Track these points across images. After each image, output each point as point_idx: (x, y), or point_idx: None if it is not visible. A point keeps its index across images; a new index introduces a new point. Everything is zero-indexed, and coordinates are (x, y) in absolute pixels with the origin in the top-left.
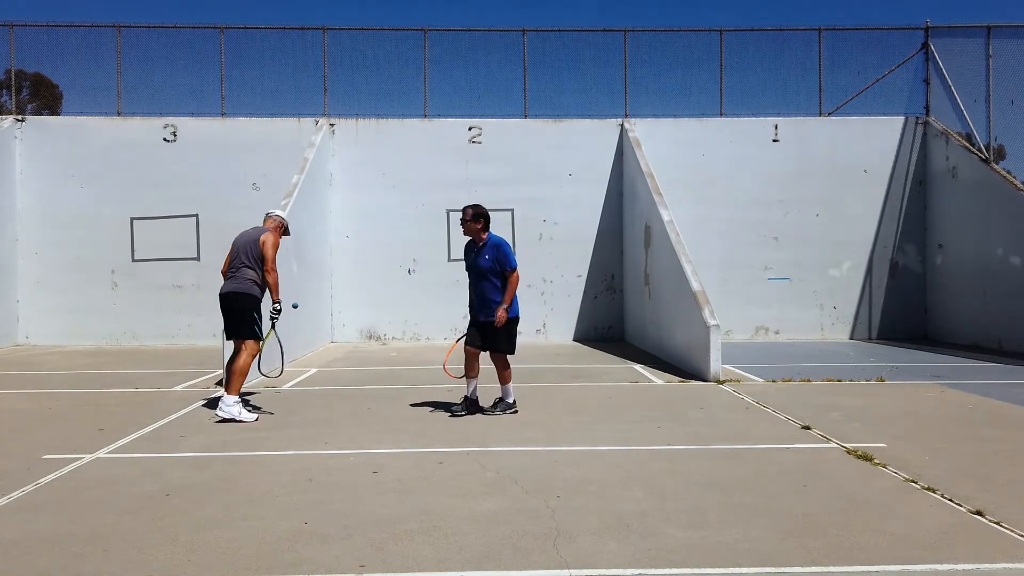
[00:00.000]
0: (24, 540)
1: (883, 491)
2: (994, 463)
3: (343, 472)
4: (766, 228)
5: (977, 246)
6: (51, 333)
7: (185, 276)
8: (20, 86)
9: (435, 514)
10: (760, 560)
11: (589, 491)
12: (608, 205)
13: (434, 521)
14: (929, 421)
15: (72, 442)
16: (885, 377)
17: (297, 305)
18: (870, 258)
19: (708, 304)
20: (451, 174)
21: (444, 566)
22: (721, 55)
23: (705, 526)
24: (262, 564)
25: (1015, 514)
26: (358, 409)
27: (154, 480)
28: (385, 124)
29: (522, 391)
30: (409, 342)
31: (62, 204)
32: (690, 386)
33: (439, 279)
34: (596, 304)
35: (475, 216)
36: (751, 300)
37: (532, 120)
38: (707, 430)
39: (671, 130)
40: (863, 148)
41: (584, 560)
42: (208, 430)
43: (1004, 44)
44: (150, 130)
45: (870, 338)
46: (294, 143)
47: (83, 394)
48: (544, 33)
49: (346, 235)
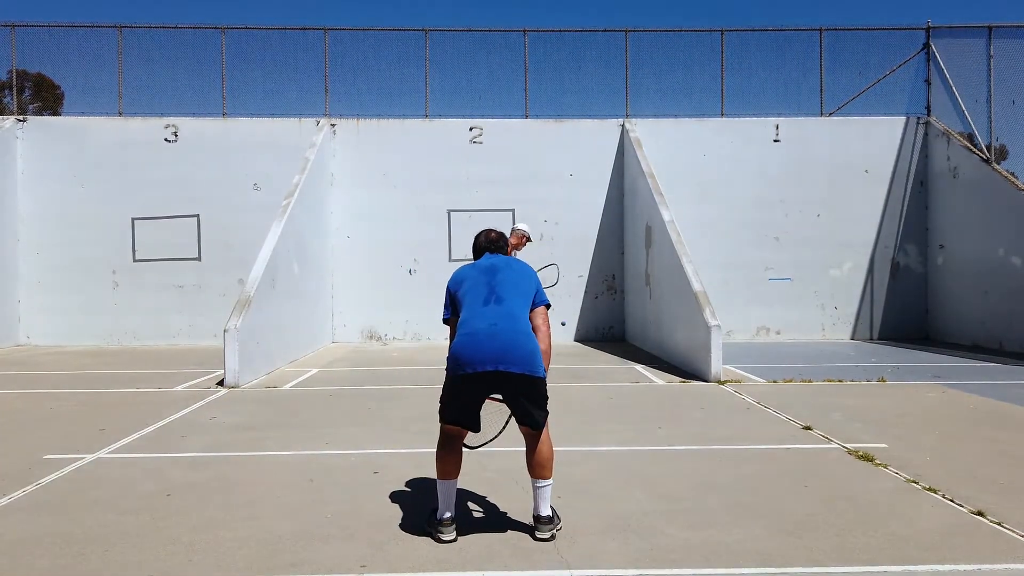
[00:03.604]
0: (24, 540)
1: (884, 491)
2: (995, 463)
3: (343, 472)
4: (767, 228)
5: (978, 246)
6: (52, 333)
7: (186, 276)
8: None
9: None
10: (761, 560)
11: (590, 491)
12: (609, 205)
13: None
14: (930, 421)
15: (73, 442)
16: (886, 377)
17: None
18: (871, 258)
19: (709, 304)
20: (452, 174)
21: (444, 566)
22: (722, 55)
23: (706, 526)
24: (262, 564)
25: (1016, 514)
26: (359, 409)
27: (154, 480)
28: (386, 124)
29: None
30: (410, 342)
31: (63, 204)
32: (691, 386)
33: (440, 279)
34: (597, 304)
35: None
36: (752, 300)
37: (533, 120)
38: (708, 430)
39: (672, 130)
40: (864, 148)
41: (585, 560)
42: (208, 430)
43: (1005, 44)
44: (151, 130)
45: (871, 338)
46: (295, 143)
47: (84, 394)
48: (545, 33)
49: (347, 235)
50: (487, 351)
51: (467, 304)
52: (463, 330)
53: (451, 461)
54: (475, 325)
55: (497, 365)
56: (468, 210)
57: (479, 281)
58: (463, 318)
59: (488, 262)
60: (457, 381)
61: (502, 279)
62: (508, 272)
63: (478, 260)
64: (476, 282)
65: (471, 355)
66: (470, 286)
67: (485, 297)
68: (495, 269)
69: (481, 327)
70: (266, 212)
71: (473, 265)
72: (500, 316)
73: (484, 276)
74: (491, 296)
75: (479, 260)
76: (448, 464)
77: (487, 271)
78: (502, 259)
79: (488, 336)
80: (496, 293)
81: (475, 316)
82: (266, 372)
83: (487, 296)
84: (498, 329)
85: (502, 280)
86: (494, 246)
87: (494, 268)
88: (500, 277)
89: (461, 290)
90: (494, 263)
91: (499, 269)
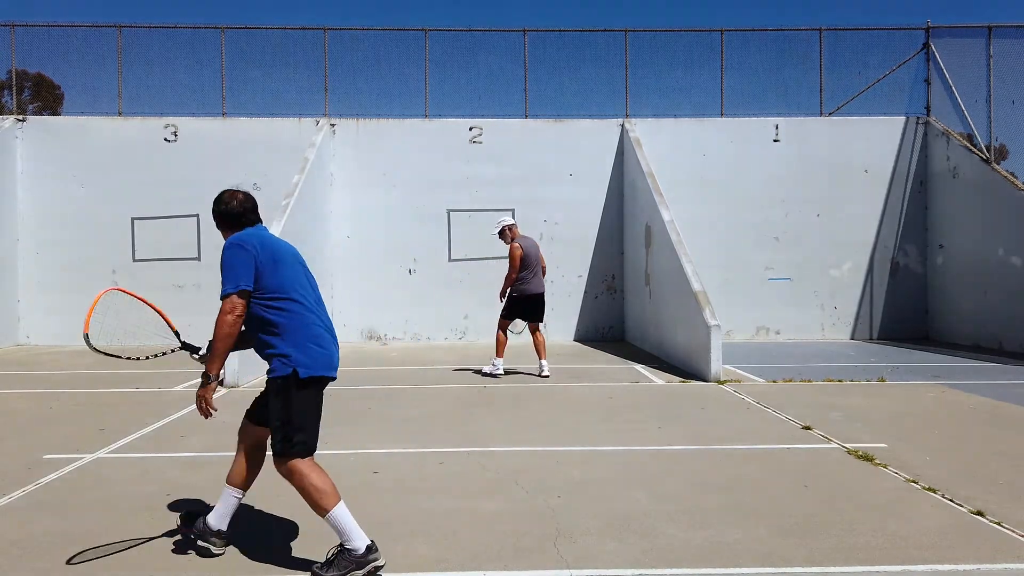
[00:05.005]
0: (24, 540)
1: (884, 491)
2: (995, 463)
3: (343, 472)
4: (767, 228)
5: (978, 246)
6: (52, 333)
7: (186, 276)
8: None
9: (435, 514)
10: (761, 560)
11: (590, 491)
12: (609, 205)
13: (434, 521)
14: (930, 421)
15: (73, 442)
16: (886, 377)
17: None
18: (871, 258)
19: (709, 304)
20: (452, 174)
21: (444, 566)
22: (722, 55)
23: (706, 526)
24: (262, 564)
25: (1016, 514)
26: (358, 409)
27: (154, 480)
28: (386, 124)
29: (523, 391)
30: (410, 342)
31: (63, 204)
32: (691, 386)
33: (440, 279)
34: (597, 304)
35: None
36: (752, 300)
37: (533, 120)
38: (708, 430)
39: (672, 130)
40: (864, 148)
41: (585, 560)
42: (208, 430)
43: (1005, 44)
44: (151, 130)
45: (871, 338)
46: (295, 143)
47: (84, 394)
48: (545, 33)
49: (346, 235)
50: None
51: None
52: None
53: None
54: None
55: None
56: (468, 210)
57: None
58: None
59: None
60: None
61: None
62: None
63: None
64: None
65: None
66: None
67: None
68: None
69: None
70: (266, 212)
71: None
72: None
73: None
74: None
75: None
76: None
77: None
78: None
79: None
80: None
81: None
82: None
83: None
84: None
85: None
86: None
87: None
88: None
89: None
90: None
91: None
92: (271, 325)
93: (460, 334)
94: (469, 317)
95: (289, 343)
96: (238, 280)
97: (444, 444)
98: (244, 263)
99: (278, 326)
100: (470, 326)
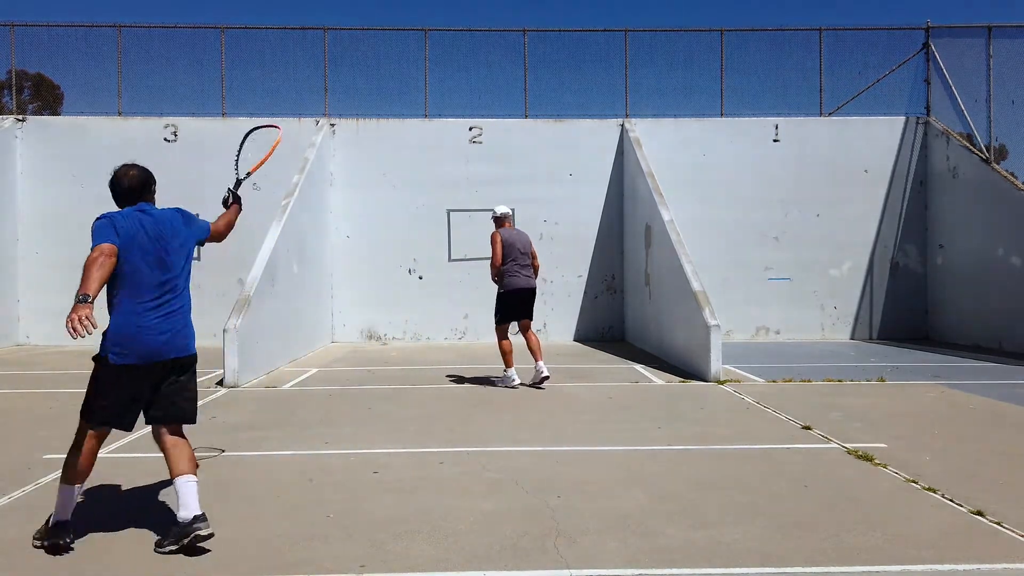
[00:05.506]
0: (24, 540)
1: (884, 491)
2: (995, 463)
3: (343, 472)
4: (767, 228)
5: (978, 246)
6: (52, 333)
7: None
8: (21, 86)
9: (435, 514)
10: (760, 560)
11: (589, 491)
12: (608, 205)
13: (434, 521)
14: (930, 421)
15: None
16: (886, 377)
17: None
18: (871, 258)
19: (709, 304)
20: (451, 174)
21: (444, 566)
22: (722, 55)
23: (705, 526)
24: (262, 564)
25: (1015, 514)
26: (358, 409)
27: (154, 480)
28: (385, 124)
29: (523, 390)
30: (410, 342)
31: (63, 204)
32: (691, 386)
33: (440, 279)
34: (596, 304)
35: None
36: (752, 300)
37: (533, 120)
38: (707, 430)
39: (672, 130)
40: (864, 148)
41: (584, 560)
42: (208, 430)
43: (1005, 44)
44: (151, 130)
45: (871, 338)
46: (294, 143)
47: (83, 394)
48: (545, 33)
49: (346, 235)
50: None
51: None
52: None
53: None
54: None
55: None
56: (468, 210)
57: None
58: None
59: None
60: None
61: None
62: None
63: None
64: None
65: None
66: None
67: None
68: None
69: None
70: (265, 212)
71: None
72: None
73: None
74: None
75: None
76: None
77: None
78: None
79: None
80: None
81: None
82: (266, 372)
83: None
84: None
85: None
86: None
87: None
88: None
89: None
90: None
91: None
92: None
93: (460, 334)
94: (469, 317)
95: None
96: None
97: (444, 444)
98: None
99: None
100: (470, 326)
